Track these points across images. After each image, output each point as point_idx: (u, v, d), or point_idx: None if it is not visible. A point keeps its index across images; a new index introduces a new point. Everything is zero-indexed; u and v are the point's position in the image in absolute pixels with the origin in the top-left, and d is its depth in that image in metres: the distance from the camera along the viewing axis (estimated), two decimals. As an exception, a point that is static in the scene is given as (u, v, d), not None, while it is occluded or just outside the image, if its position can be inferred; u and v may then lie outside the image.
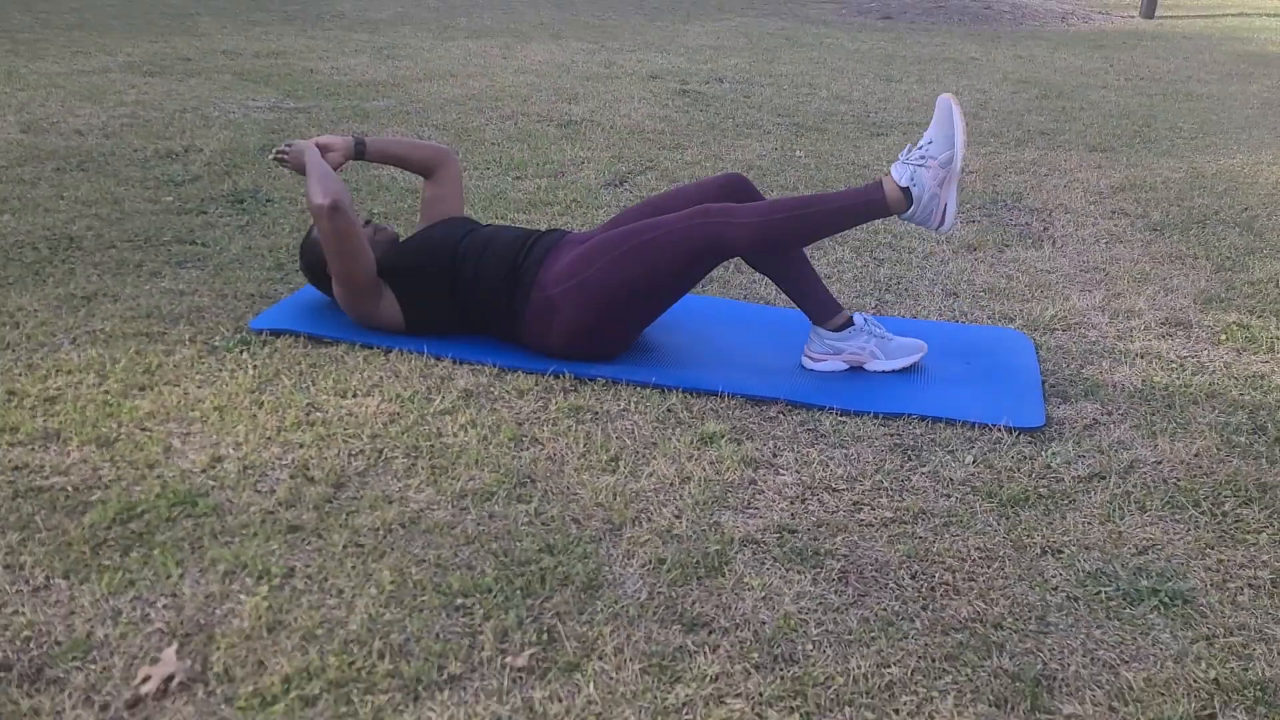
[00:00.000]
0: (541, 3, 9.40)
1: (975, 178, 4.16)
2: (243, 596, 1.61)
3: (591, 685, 1.46)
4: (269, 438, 2.04)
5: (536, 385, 2.30)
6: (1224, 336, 2.68)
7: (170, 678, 1.44)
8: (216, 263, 2.92)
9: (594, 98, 5.34)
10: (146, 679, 1.43)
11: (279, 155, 2.54)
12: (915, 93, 5.95)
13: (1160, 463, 2.06)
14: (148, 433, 2.04)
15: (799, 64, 6.78)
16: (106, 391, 2.19)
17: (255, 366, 2.32)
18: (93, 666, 1.46)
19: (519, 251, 2.41)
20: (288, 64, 5.84)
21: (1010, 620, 1.61)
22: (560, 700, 1.43)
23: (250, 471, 1.93)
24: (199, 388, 2.23)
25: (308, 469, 1.94)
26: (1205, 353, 2.59)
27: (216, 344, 2.43)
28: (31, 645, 1.49)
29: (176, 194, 3.50)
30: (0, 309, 2.55)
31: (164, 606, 1.58)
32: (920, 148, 2.24)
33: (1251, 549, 1.80)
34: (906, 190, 2.23)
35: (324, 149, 2.54)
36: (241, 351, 2.39)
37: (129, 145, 4.04)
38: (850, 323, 2.45)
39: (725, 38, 7.84)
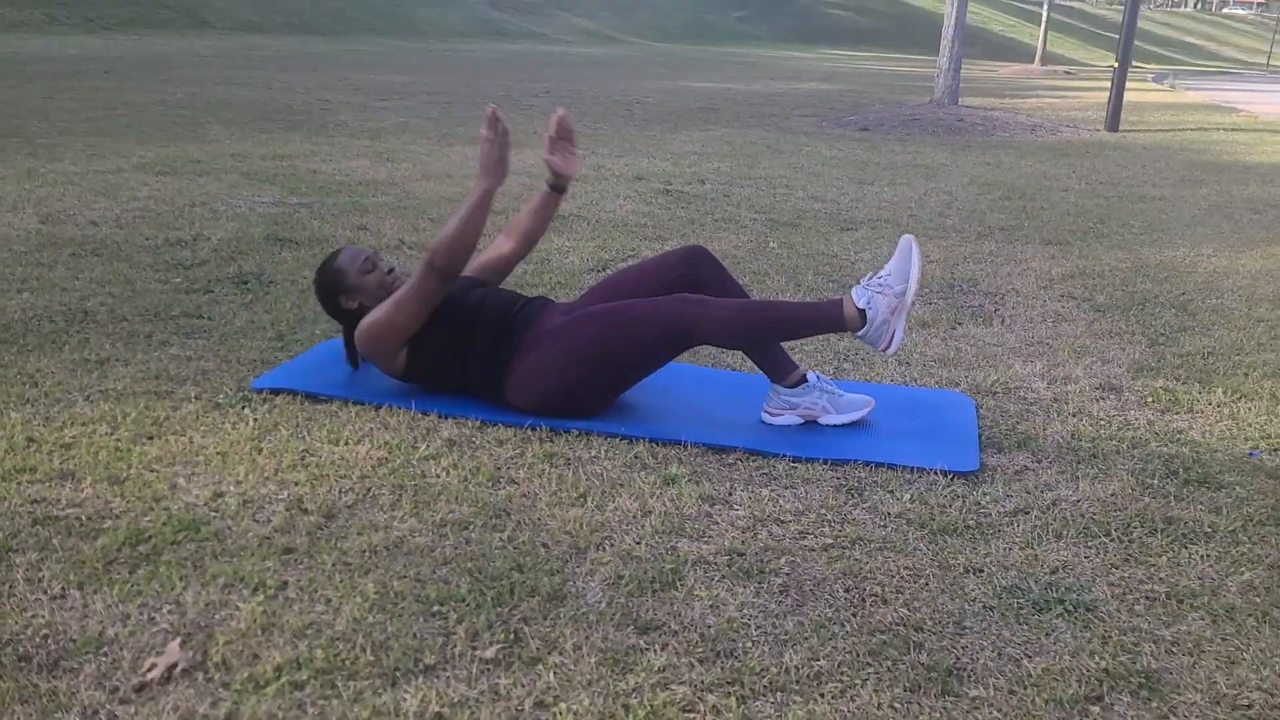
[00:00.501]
0: (535, 115, 9.92)
1: (936, 266, 4.45)
2: (240, 604, 1.78)
3: (551, 674, 1.63)
4: (267, 477, 2.24)
5: (515, 436, 2.51)
6: (1150, 399, 2.91)
7: (174, 666, 1.60)
8: (221, 333, 3.15)
9: (582, 196, 5.68)
10: (152, 667, 1.60)
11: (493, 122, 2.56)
12: (886, 194, 6.31)
13: (1079, 500, 2.26)
14: (155, 473, 2.24)
15: (778, 168, 7.18)
16: (118, 439, 2.39)
17: (255, 419, 2.53)
18: (104, 658, 1.63)
19: (507, 315, 2.64)
20: (292, 165, 6.20)
21: (930, 624, 1.79)
22: (523, 686, 1.60)
23: (249, 505, 2.12)
24: (203, 437, 2.43)
25: (301, 502, 2.13)
26: (1132, 412, 2.81)
27: (220, 401, 2.64)
28: (49, 641, 1.66)
29: (185, 276, 3.76)
30: (20, 371, 2.77)
31: (169, 611, 1.75)
32: (880, 277, 2.51)
33: (1151, 569, 1.98)
34: (862, 311, 2.49)
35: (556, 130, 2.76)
36: (243, 407, 2.60)
37: (141, 234, 4.32)
38: (804, 380, 2.67)
39: (710, 145, 8.28)
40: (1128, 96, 15.84)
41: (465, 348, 2.63)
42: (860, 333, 2.51)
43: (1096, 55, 40.66)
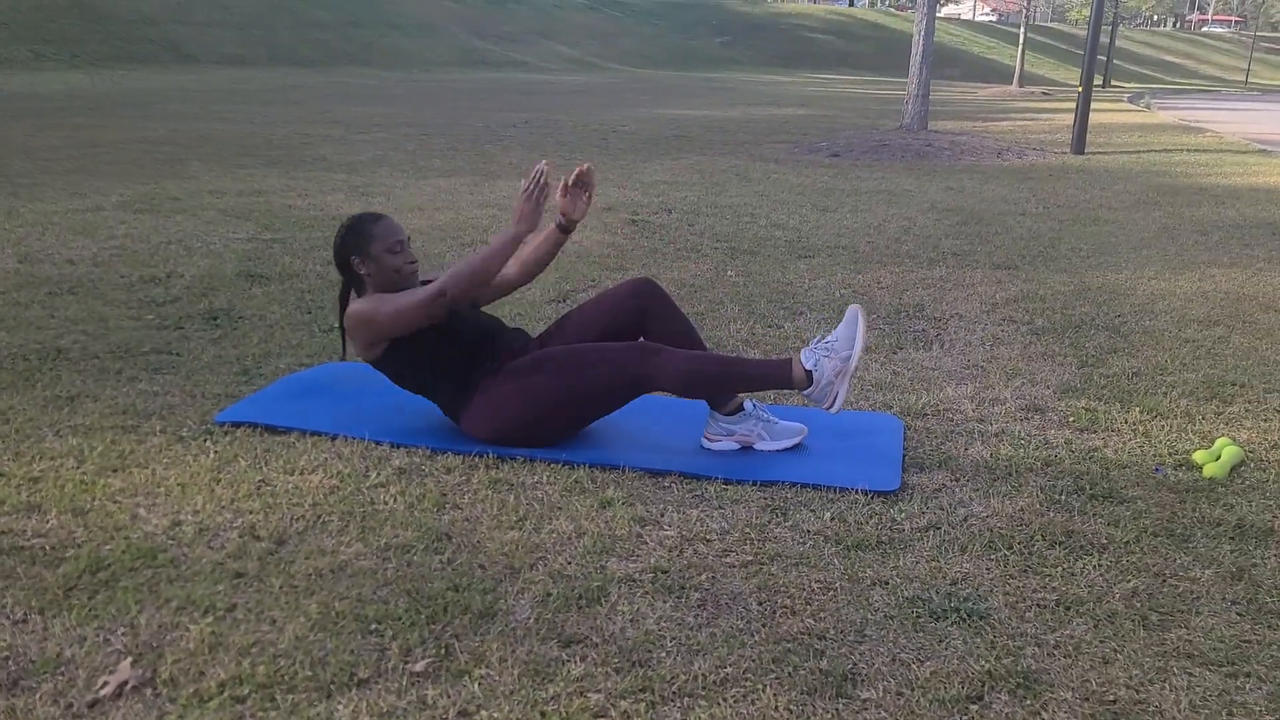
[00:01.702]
0: (513, 145, 10.11)
1: (885, 292, 4.61)
2: (190, 625, 1.91)
3: (476, 685, 1.76)
4: (223, 506, 2.37)
5: (463, 463, 2.65)
6: (1072, 419, 3.06)
7: (125, 683, 1.73)
8: (189, 369, 3.29)
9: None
10: (105, 685, 1.73)
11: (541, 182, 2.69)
12: (847, 221, 6.49)
13: (989, 516, 2.41)
14: (118, 504, 2.37)
15: (745, 196, 7.36)
16: (83, 473, 2.52)
17: (217, 451, 2.67)
18: (60, 677, 1.76)
19: (490, 339, 2.78)
20: (268, 201, 6.35)
21: (833, 633, 1.93)
22: (449, 696, 1.73)
23: (205, 532, 2.26)
24: (165, 469, 2.56)
25: (254, 530, 2.27)
26: (1052, 432, 2.96)
27: (184, 434, 2.77)
28: (9, 663, 1.79)
29: (157, 313, 3.89)
30: (-6, 408, 2.90)
31: (123, 633, 1.88)
32: (827, 341, 2.67)
33: (1046, 579, 2.13)
34: (809, 373, 2.65)
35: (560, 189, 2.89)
36: (205, 440, 2.74)
37: (117, 272, 4.46)
38: (741, 408, 2.82)
39: (680, 174, 8.47)
40: (1099, 118, 16.15)
41: (440, 362, 2.76)
42: (806, 392, 2.67)
43: (1075, 75, 41.16)
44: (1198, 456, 2.74)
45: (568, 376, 2.68)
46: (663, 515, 2.40)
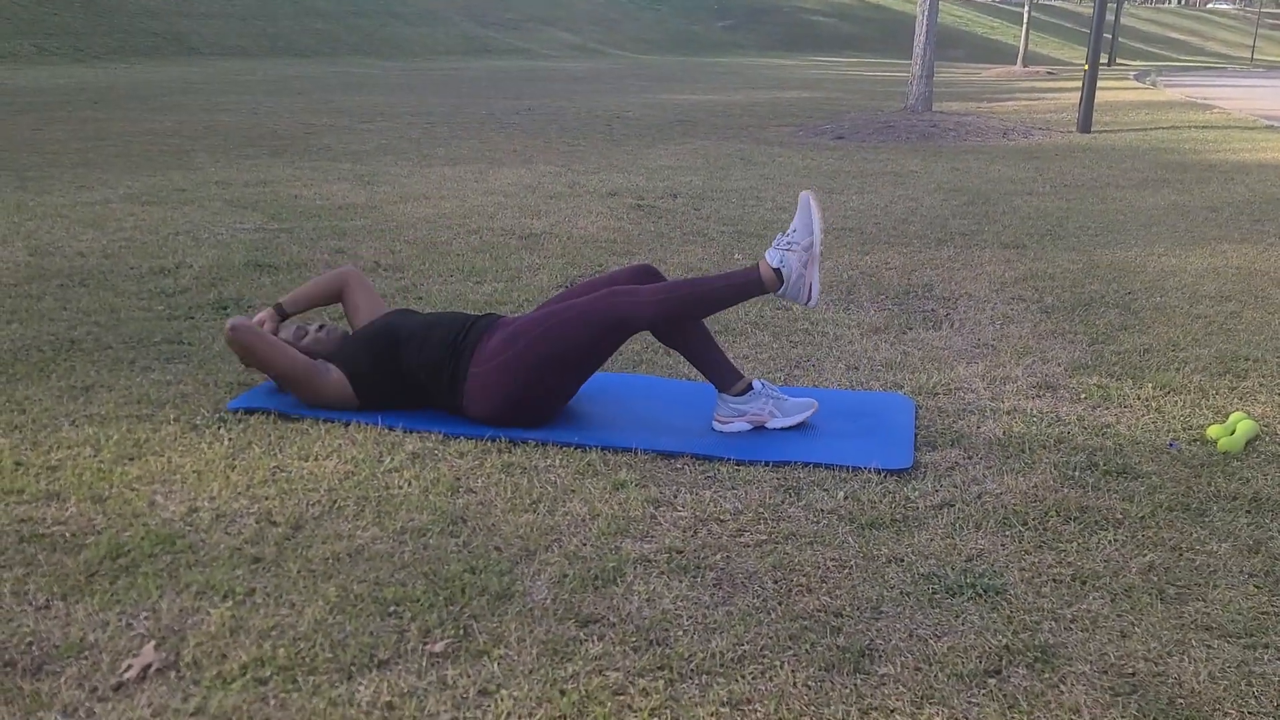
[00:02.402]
0: (517, 132, 10.09)
1: (893, 273, 4.60)
2: (210, 609, 1.93)
3: (495, 665, 1.77)
4: (239, 492, 2.39)
5: (475, 447, 2.66)
6: (1084, 396, 3.06)
7: (149, 666, 1.75)
8: (200, 358, 3.30)
9: (555, 213, 5.84)
10: (129, 668, 1.75)
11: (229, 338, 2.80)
12: (853, 203, 6.47)
13: (1002, 493, 2.41)
14: (135, 491, 2.38)
15: (750, 180, 7.35)
16: (100, 461, 2.53)
17: (230, 439, 2.68)
18: (84, 661, 1.77)
19: (457, 335, 2.79)
20: (274, 191, 6.36)
21: (850, 610, 1.93)
22: (468, 676, 1.74)
23: (222, 518, 2.27)
24: (181, 456, 2.57)
25: (271, 515, 2.28)
26: (1064, 409, 2.96)
27: (198, 422, 2.78)
28: (33, 648, 1.81)
29: (167, 303, 3.91)
30: (9, 399, 2.91)
31: (145, 618, 1.90)
32: (787, 235, 2.67)
33: (1062, 554, 2.13)
34: (778, 271, 2.65)
35: (257, 323, 2.94)
36: (219, 427, 2.75)
37: (126, 264, 4.47)
38: (750, 388, 2.82)
39: (685, 159, 8.45)
40: (1106, 96, 16.07)
41: (409, 373, 2.78)
42: (780, 291, 2.67)
43: (1079, 54, 40.95)
44: (1212, 431, 2.73)
45: (551, 340, 2.69)
46: (676, 496, 2.40)
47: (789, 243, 2.65)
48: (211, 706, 1.66)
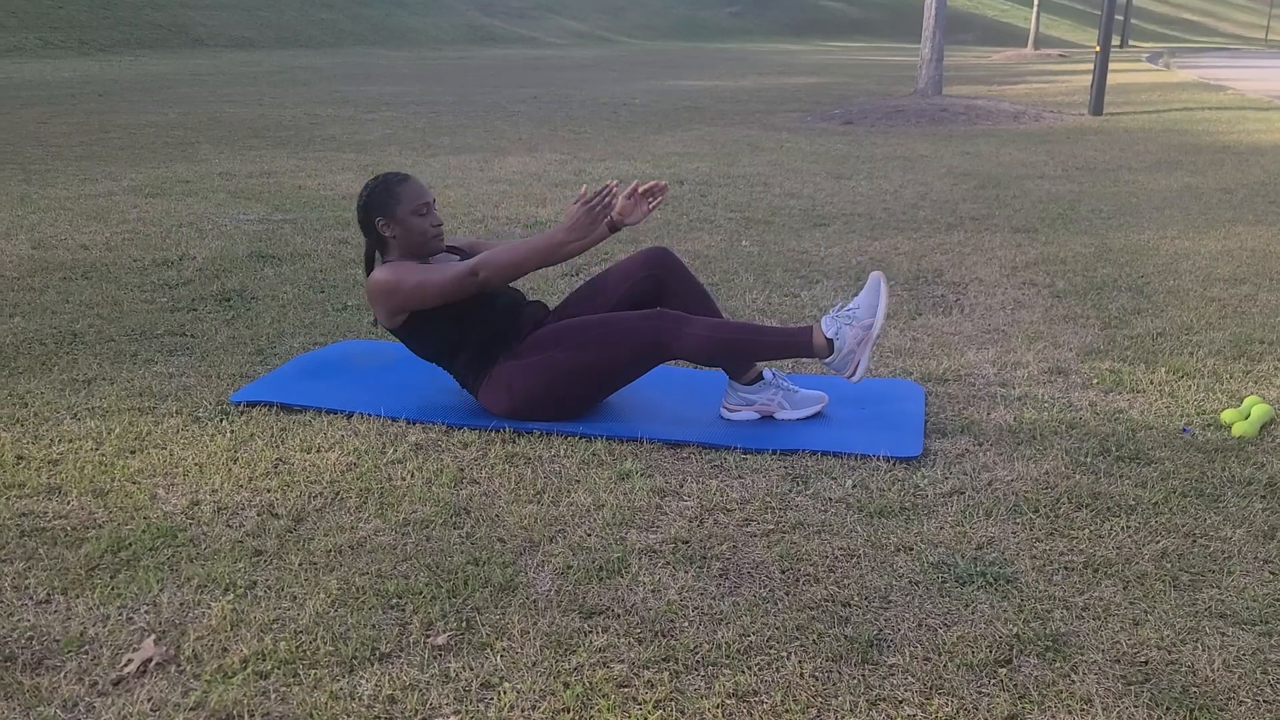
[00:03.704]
0: (522, 121, 10.05)
1: (903, 258, 4.56)
2: (211, 603, 1.91)
3: (499, 657, 1.75)
4: (241, 485, 2.37)
5: (479, 438, 2.63)
6: (1096, 380, 3.02)
7: (149, 660, 1.73)
8: (203, 350, 3.28)
9: (560, 201, 5.81)
10: (129, 662, 1.73)
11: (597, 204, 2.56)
12: (862, 188, 6.42)
13: (1013, 480, 2.38)
14: (137, 484, 2.37)
15: (757, 165, 7.30)
16: (102, 454, 2.52)
17: (233, 431, 2.66)
18: (84, 656, 1.76)
19: (512, 313, 2.74)
20: (278, 182, 6.34)
21: (858, 600, 1.90)
22: (471, 669, 1.72)
23: (223, 511, 2.25)
24: (183, 449, 2.56)
25: (273, 508, 2.26)
26: (1075, 394, 2.92)
27: (200, 415, 2.76)
28: (34, 642, 1.79)
29: (170, 295, 3.89)
30: (10, 393, 2.90)
31: (145, 611, 1.88)
32: (849, 309, 2.62)
33: (1073, 541, 2.10)
34: (830, 341, 2.60)
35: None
36: (221, 420, 2.73)
37: (129, 256, 4.46)
38: (760, 377, 2.79)
39: (692, 145, 8.40)
40: (1117, 78, 15.93)
41: (461, 337, 2.72)
42: (827, 360, 2.62)
43: (1091, 37, 40.59)
44: (1226, 415, 2.69)
45: (587, 349, 2.65)
46: (682, 486, 2.38)
47: (849, 316, 2.61)
48: (212, 701, 1.64)
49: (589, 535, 2.15)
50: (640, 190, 2.70)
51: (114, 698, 1.65)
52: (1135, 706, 1.61)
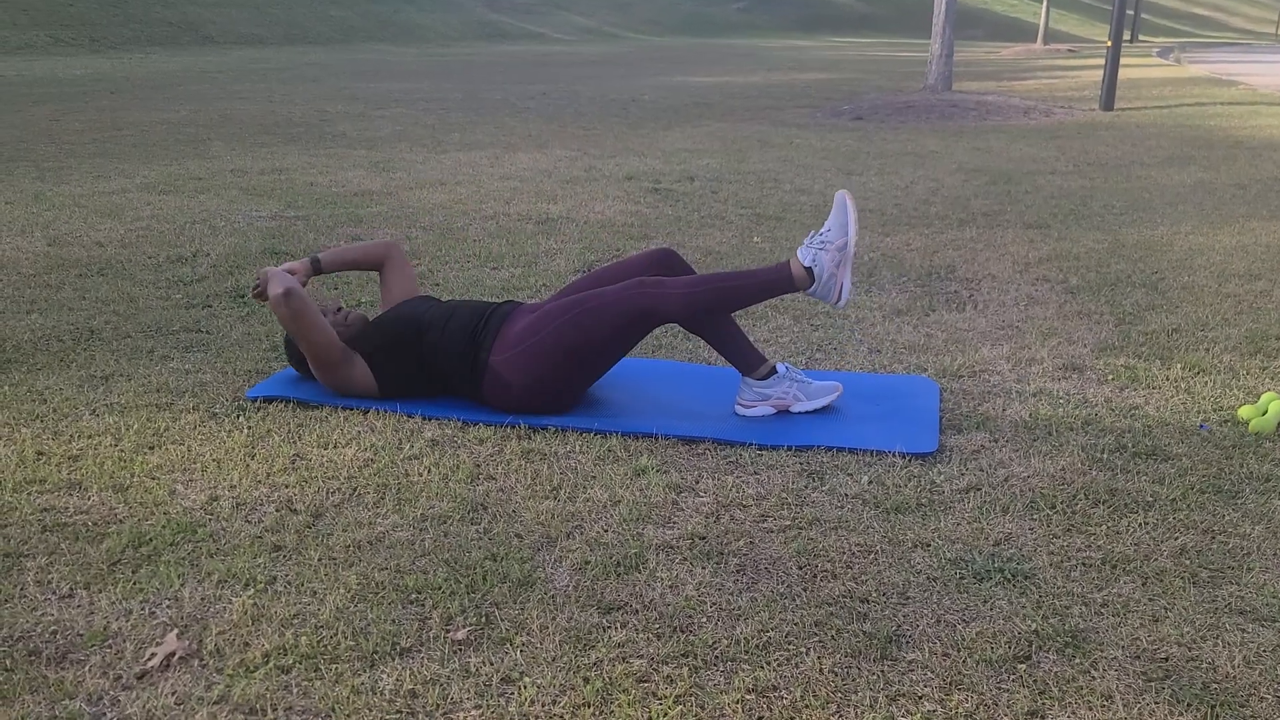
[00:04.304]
0: (532, 117, 10.05)
1: (915, 254, 4.55)
2: (232, 598, 1.92)
3: (518, 652, 1.76)
4: (259, 481, 2.38)
5: (495, 434, 2.64)
6: (1111, 377, 3.01)
7: (172, 655, 1.74)
8: (219, 346, 3.30)
9: (571, 198, 5.81)
10: (152, 656, 1.74)
11: (255, 291, 2.82)
12: (873, 184, 6.41)
13: (1030, 476, 2.37)
14: (156, 480, 2.38)
15: (768, 162, 7.29)
16: (121, 450, 2.53)
17: (250, 427, 2.67)
18: (108, 650, 1.77)
19: (477, 323, 2.77)
20: (290, 179, 6.35)
21: (876, 596, 1.91)
22: (491, 663, 1.73)
23: (242, 507, 2.26)
24: (200, 445, 2.57)
25: (291, 503, 2.27)
26: (1091, 390, 2.91)
27: (217, 411, 2.78)
28: (57, 636, 1.80)
29: (185, 292, 3.90)
30: (30, 389, 2.92)
31: (167, 606, 1.89)
32: (820, 234, 2.62)
33: (1091, 537, 2.10)
34: (809, 270, 2.60)
35: (289, 271, 2.90)
36: (238, 416, 2.74)
37: (144, 253, 4.48)
38: (774, 371, 2.79)
39: (701, 141, 8.39)
40: (1128, 73, 15.86)
41: (430, 361, 2.76)
42: (810, 290, 2.63)
43: (1101, 31, 40.44)
44: (1243, 412, 2.68)
45: (575, 328, 2.66)
46: (698, 482, 2.38)
47: (822, 241, 2.61)
48: (234, 695, 1.65)
49: (606, 531, 2.16)
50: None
51: (138, 691, 1.66)
52: (1155, 703, 1.61)
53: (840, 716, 1.59)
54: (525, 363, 2.68)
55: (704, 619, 1.84)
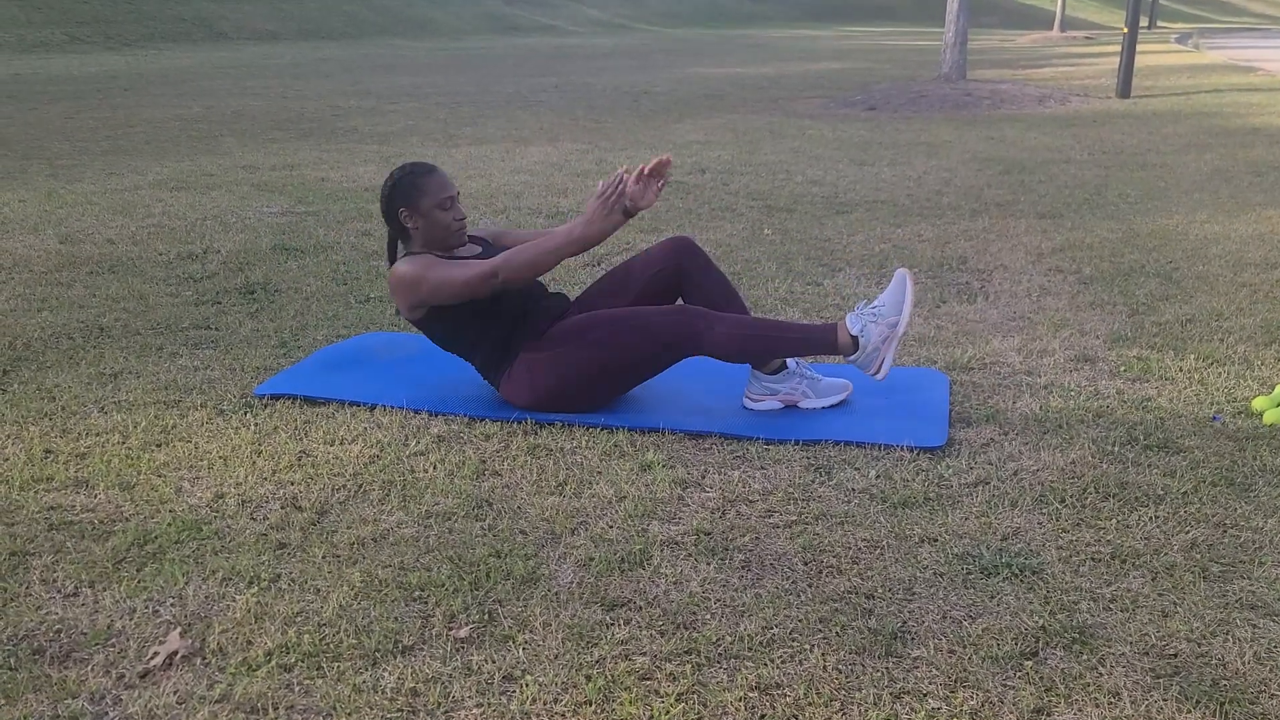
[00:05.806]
0: (543, 111, 10.03)
1: (926, 245, 4.52)
2: (236, 596, 1.92)
3: (521, 650, 1.75)
4: (265, 478, 2.38)
5: (501, 430, 2.63)
6: (1123, 368, 2.98)
7: (174, 653, 1.74)
8: (227, 343, 3.30)
9: (583, 191, 5.80)
10: (155, 655, 1.74)
11: (615, 196, 2.57)
12: (885, 175, 6.37)
13: (1039, 469, 2.35)
14: (162, 478, 2.39)
15: (779, 153, 7.25)
16: (129, 448, 2.54)
17: (257, 424, 2.67)
18: (111, 648, 1.77)
19: (534, 305, 2.74)
20: (301, 174, 6.36)
21: (881, 591, 1.89)
22: (493, 661, 1.72)
23: (247, 504, 2.26)
24: (207, 442, 2.57)
25: (296, 501, 2.27)
26: (1103, 382, 2.88)
27: (224, 408, 2.78)
28: (62, 635, 1.81)
29: (195, 289, 3.91)
30: (39, 387, 2.93)
31: (171, 604, 1.89)
32: (873, 307, 2.59)
33: (1100, 532, 2.07)
34: (855, 338, 2.58)
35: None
36: (246, 413, 2.74)
37: (155, 250, 4.49)
38: (784, 367, 2.77)
39: (713, 133, 8.36)
40: (1145, 60, 15.70)
41: (482, 330, 2.72)
42: (852, 358, 2.60)
43: (1118, 18, 40.03)
44: (1258, 403, 2.65)
45: (610, 344, 2.64)
46: (704, 477, 2.37)
47: (874, 314, 2.58)
48: (237, 693, 1.65)
49: (611, 527, 2.15)
50: (646, 171, 2.64)
51: (140, 690, 1.67)
52: (1164, 699, 1.59)
53: (844, 714, 1.58)
54: (557, 367, 2.66)
55: (708, 616, 1.83)
